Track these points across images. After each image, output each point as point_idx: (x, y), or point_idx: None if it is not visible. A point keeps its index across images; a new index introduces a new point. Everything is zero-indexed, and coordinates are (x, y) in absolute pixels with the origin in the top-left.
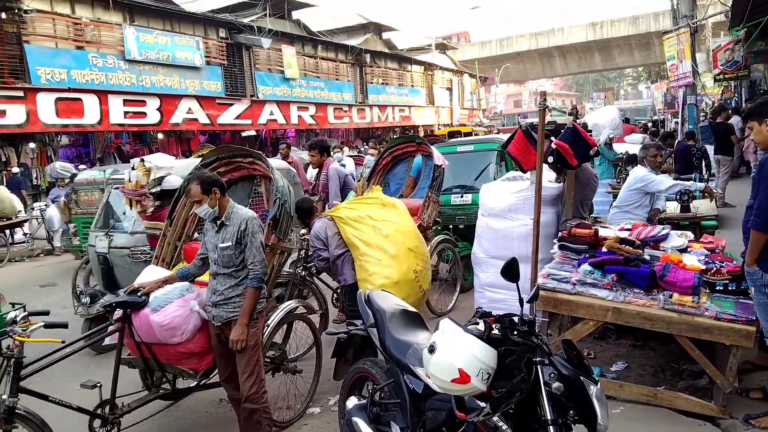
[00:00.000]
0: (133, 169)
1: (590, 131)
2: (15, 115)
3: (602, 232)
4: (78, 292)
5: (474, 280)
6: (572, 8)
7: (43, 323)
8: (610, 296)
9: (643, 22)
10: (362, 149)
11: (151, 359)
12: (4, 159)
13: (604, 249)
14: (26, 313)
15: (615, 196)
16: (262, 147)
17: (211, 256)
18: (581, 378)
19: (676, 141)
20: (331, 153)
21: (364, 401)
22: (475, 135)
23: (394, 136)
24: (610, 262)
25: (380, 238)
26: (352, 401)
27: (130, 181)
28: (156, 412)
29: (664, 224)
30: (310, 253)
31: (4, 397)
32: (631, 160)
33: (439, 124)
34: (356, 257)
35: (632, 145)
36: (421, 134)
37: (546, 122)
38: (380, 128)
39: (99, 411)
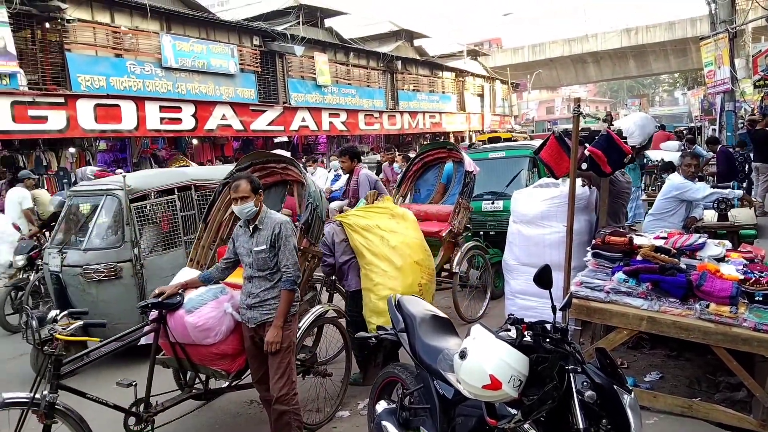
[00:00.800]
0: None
1: (625, 138)
2: (56, 120)
3: (637, 241)
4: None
5: (504, 287)
6: (606, 14)
7: (81, 323)
8: (644, 305)
9: (679, 28)
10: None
11: (185, 359)
12: (45, 163)
13: (638, 257)
14: (66, 312)
15: (650, 204)
16: (294, 153)
17: (245, 260)
18: (615, 387)
19: (719, 146)
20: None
21: (394, 405)
22: (514, 141)
23: (424, 143)
24: (645, 271)
25: (387, 248)
26: (381, 405)
27: None
28: (188, 412)
29: (701, 233)
30: None
31: (45, 393)
32: (667, 167)
33: (470, 131)
34: (362, 265)
35: (668, 152)
36: (452, 140)
37: (580, 129)
38: (410, 134)
39: (134, 409)
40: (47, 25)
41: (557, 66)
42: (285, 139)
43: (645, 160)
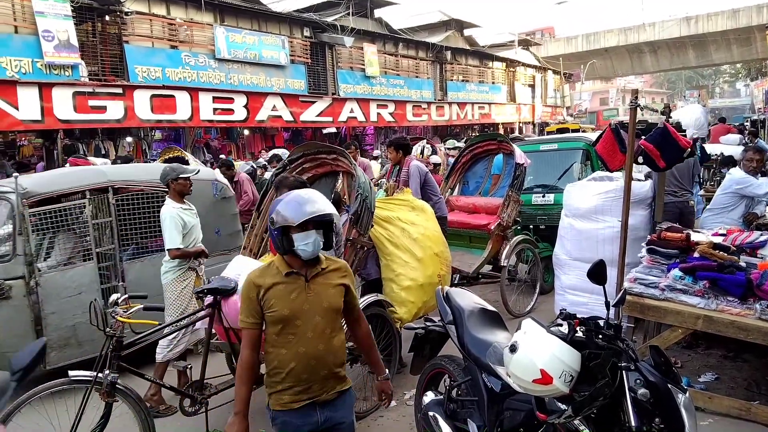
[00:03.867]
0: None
1: (684, 131)
2: (115, 110)
3: (694, 237)
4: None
5: (555, 282)
6: (665, 2)
7: (141, 306)
8: (701, 303)
9: (743, 16)
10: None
11: (238, 344)
12: (103, 152)
13: (696, 254)
14: (127, 295)
15: (708, 200)
16: (341, 144)
17: None
18: (669, 386)
19: None
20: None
21: (441, 397)
22: (583, 132)
23: (472, 134)
24: (703, 268)
25: (408, 240)
26: (428, 396)
27: None
28: None
29: (762, 230)
30: None
31: (107, 372)
32: (727, 161)
33: (520, 122)
34: (382, 256)
35: (728, 146)
36: (501, 132)
37: (637, 121)
38: (459, 125)
39: (189, 391)
40: (107, 17)
41: (612, 56)
42: (333, 130)
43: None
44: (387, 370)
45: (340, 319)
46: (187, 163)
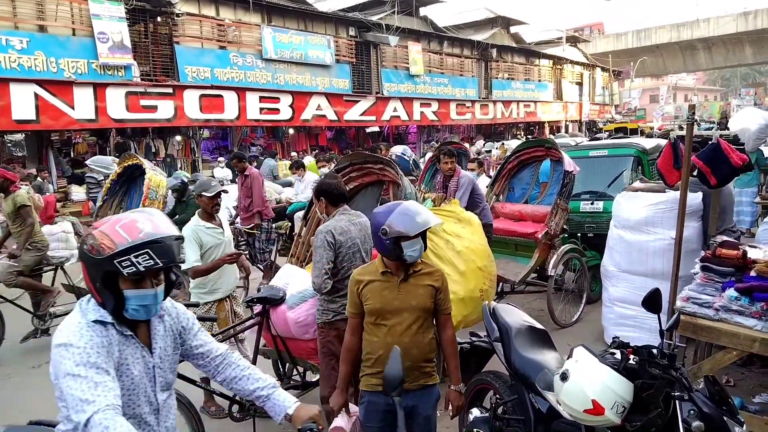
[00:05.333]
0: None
1: (742, 145)
2: (165, 110)
3: (751, 254)
4: None
5: (603, 293)
6: None
7: (195, 315)
8: (758, 326)
9: None
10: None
11: (285, 352)
12: (153, 150)
13: (752, 273)
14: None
15: (765, 207)
16: (383, 142)
17: None
18: (725, 418)
19: None
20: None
21: (487, 414)
22: (641, 132)
23: (517, 133)
24: (760, 289)
25: (452, 253)
26: (474, 412)
27: None
28: None
29: None
30: None
31: None
32: None
33: (566, 120)
34: None
35: None
36: (547, 131)
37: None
38: (503, 124)
39: (237, 397)
40: (159, 19)
41: (663, 53)
42: (376, 129)
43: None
44: (462, 383)
45: (430, 319)
46: (143, 170)
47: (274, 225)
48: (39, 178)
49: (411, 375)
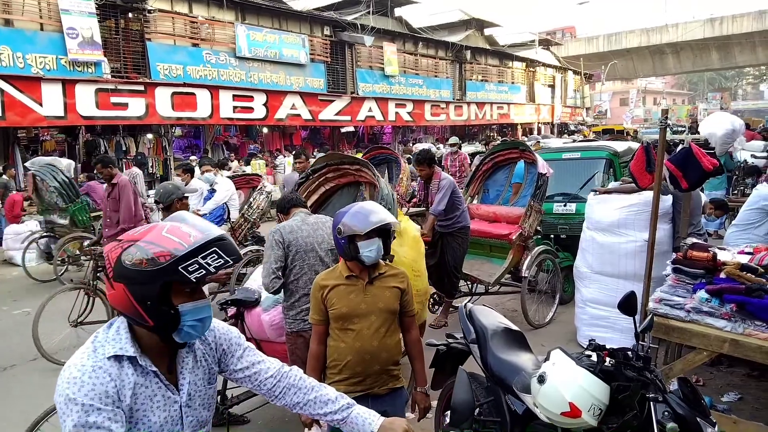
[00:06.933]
0: None
1: (712, 149)
2: (136, 107)
3: (721, 256)
4: None
5: (575, 294)
6: (688, 3)
7: None
8: (727, 327)
9: None
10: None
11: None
12: (124, 148)
13: (722, 275)
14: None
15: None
16: (359, 143)
17: None
18: (698, 419)
19: None
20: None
21: None
22: (627, 134)
23: (491, 134)
24: (730, 291)
25: None
26: (450, 415)
27: None
28: (261, 405)
29: None
30: None
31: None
32: (752, 171)
33: (539, 122)
34: None
35: (751, 153)
36: (520, 133)
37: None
38: (477, 125)
39: None
40: (130, 15)
41: (634, 57)
42: (351, 129)
43: (733, 164)
44: (428, 385)
45: (396, 321)
46: None
47: None
48: (5, 176)
49: (380, 379)
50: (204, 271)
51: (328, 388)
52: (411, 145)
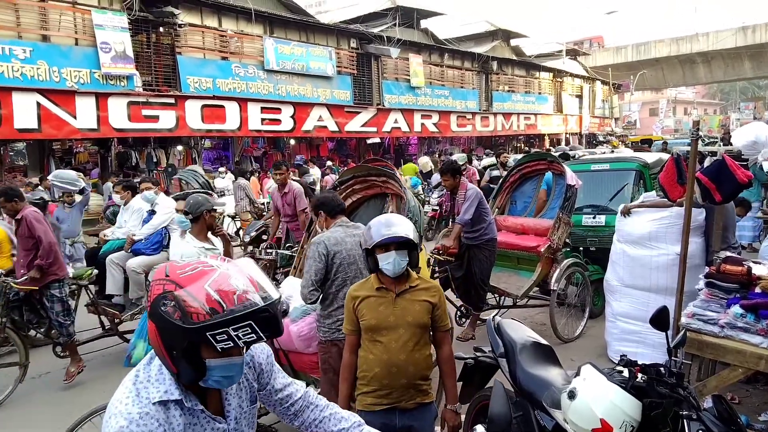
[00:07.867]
0: None
1: (745, 161)
2: (167, 120)
3: (756, 270)
4: None
5: (606, 308)
6: (719, 11)
7: None
8: (764, 343)
9: None
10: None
11: (287, 365)
12: (155, 160)
13: (757, 290)
14: None
15: (766, 223)
16: (384, 154)
17: None
18: None
19: None
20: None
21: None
22: (664, 144)
23: (517, 144)
24: (766, 306)
25: None
26: (478, 430)
27: None
28: None
29: None
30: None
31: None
32: None
33: (566, 133)
34: None
35: None
36: (547, 143)
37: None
38: (504, 136)
39: None
40: (161, 29)
41: (663, 66)
42: (377, 140)
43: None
44: (458, 402)
45: (427, 336)
46: None
47: (72, 280)
48: (41, 187)
49: (407, 393)
50: (232, 344)
51: (337, 407)
52: (440, 156)
